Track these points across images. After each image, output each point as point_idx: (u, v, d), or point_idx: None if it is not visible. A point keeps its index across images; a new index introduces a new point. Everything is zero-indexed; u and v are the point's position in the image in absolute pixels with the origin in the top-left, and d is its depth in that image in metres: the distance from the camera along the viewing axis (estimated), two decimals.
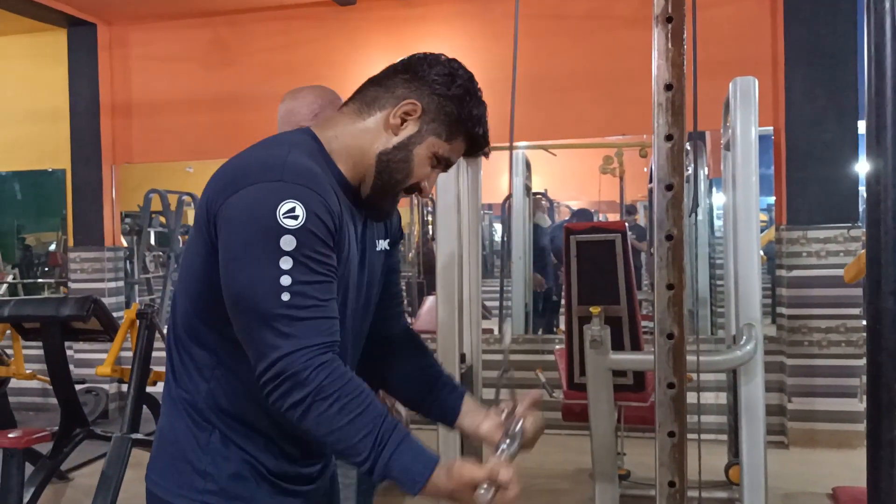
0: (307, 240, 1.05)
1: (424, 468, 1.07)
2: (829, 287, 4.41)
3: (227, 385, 1.18)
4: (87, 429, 3.69)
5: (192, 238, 1.17)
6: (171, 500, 1.19)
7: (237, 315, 1.08)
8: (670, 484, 0.97)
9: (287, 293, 1.03)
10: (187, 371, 1.20)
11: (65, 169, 5.81)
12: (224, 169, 1.15)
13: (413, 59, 1.24)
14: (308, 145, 1.18)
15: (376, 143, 1.19)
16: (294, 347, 1.04)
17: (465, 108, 1.20)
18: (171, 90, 5.63)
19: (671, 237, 0.96)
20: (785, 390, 4.55)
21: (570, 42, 4.85)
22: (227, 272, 1.08)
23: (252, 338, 1.06)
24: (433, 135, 1.20)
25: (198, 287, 1.16)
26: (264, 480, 1.20)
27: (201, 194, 1.15)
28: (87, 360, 5.49)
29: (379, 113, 1.20)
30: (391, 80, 1.22)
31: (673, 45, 0.94)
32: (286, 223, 1.03)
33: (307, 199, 1.06)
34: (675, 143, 0.95)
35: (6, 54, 5.92)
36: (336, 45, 5.31)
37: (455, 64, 1.23)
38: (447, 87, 1.20)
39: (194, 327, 1.18)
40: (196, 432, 1.19)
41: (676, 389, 0.96)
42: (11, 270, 8.77)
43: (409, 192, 1.24)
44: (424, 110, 1.19)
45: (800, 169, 4.52)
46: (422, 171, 1.22)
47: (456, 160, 1.26)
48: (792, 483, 3.80)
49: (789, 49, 4.53)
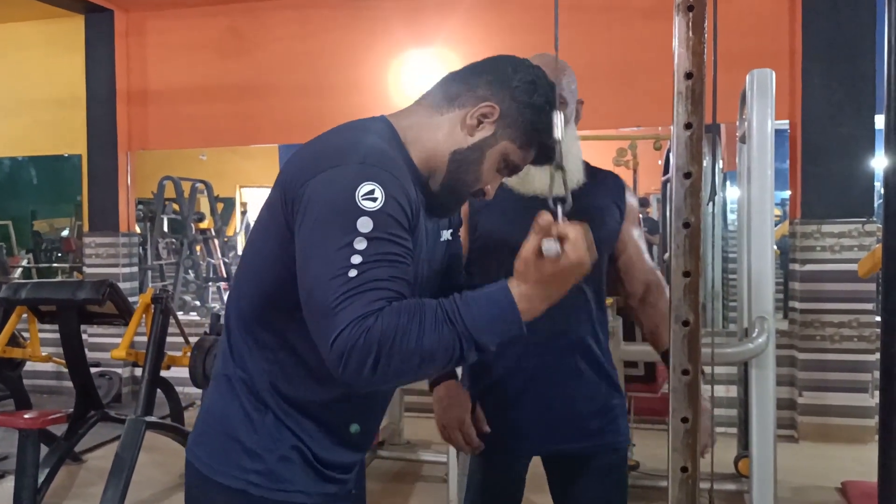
0: (385, 222, 1.02)
1: (503, 300, 1.03)
2: (843, 282, 4.39)
3: (290, 368, 1.17)
4: (102, 411, 3.74)
5: (264, 221, 1.15)
6: (215, 476, 1.19)
7: (307, 297, 1.05)
8: (683, 469, 0.98)
9: (354, 270, 0.99)
10: (249, 351, 1.19)
11: (81, 155, 5.86)
12: (302, 152, 1.13)
13: (499, 60, 1.22)
14: (385, 132, 1.16)
15: (451, 141, 1.18)
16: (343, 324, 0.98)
17: (542, 118, 1.19)
18: (187, 78, 5.65)
19: (688, 225, 0.96)
20: (796, 384, 4.54)
21: (585, 34, 4.84)
22: (302, 258, 1.06)
23: (317, 322, 1.02)
24: (507, 140, 1.19)
25: (271, 269, 1.14)
26: (309, 466, 1.20)
27: (277, 177, 1.13)
28: (100, 344, 5.54)
29: (458, 110, 1.19)
30: (474, 78, 1.20)
31: (694, 33, 0.95)
32: (365, 205, 1.01)
33: (387, 182, 1.04)
34: (694, 131, 0.96)
35: (24, 41, 5.96)
36: (353, 34, 5.32)
37: (539, 72, 1.22)
38: (529, 95, 1.19)
39: (263, 309, 1.17)
40: (250, 412, 1.18)
41: (691, 376, 0.97)
42: (26, 255, 8.85)
43: (474, 194, 1.24)
44: (502, 114, 1.18)
45: (815, 163, 4.50)
46: (491, 175, 1.21)
47: (523, 167, 1.25)
48: (801, 477, 3.80)
49: (807, 42, 4.50)
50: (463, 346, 1.01)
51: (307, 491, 1.20)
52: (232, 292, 1.24)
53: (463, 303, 1.02)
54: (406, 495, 3.60)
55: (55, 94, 5.87)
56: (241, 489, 1.17)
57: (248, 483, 1.17)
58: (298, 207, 1.06)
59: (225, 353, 1.23)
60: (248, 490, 1.17)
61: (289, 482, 1.18)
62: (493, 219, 1.76)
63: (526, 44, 1.32)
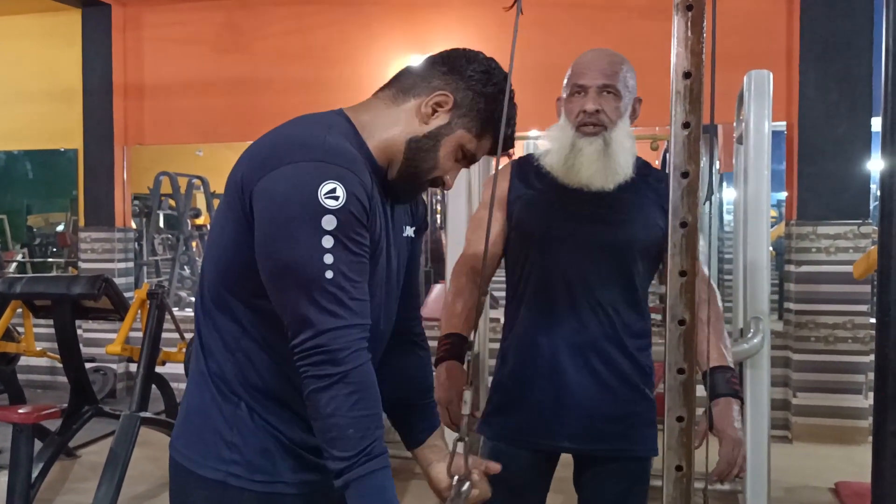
0: (347, 220, 1.07)
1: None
2: (838, 283, 4.41)
3: (254, 357, 1.19)
4: (96, 406, 3.73)
5: (222, 211, 1.18)
6: (196, 469, 1.20)
7: (278, 288, 1.10)
8: (677, 468, 0.98)
9: (330, 271, 1.06)
10: (215, 343, 1.21)
11: (77, 149, 5.85)
12: (261, 144, 1.15)
13: (453, 52, 1.25)
14: (343, 127, 1.19)
15: (407, 130, 1.21)
16: (338, 325, 1.07)
17: (497, 107, 1.21)
18: (184, 73, 5.64)
19: (685, 224, 0.96)
20: (790, 385, 4.55)
21: (583, 32, 4.84)
22: (267, 247, 1.09)
23: (293, 307, 1.08)
24: (463, 128, 1.22)
25: (227, 259, 1.17)
26: (289, 454, 1.21)
27: (233, 168, 1.15)
28: (95, 340, 5.53)
29: (413, 100, 1.22)
30: (429, 70, 1.24)
31: (692, 32, 0.95)
32: (328, 203, 1.05)
33: (347, 180, 1.07)
34: (692, 130, 0.96)
35: (21, 34, 5.94)
36: (350, 30, 5.31)
37: (493, 63, 1.25)
38: (482, 85, 1.22)
39: (222, 299, 1.19)
40: (223, 405, 1.20)
41: (686, 375, 0.97)
42: (20, 250, 8.83)
43: (433, 184, 1.26)
44: (457, 103, 1.21)
45: (811, 164, 4.51)
46: (448, 164, 1.24)
47: (480, 157, 1.28)
48: (794, 477, 3.81)
49: (804, 43, 4.51)
50: (347, 462, 1.08)
51: (288, 480, 1.22)
52: (199, 285, 1.26)
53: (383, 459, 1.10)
54: (401, 492, 3.59)
55: (52, 88, 5.86)
56: (220, 480, 1.19)
57: (228, 474, 1.19)
58: (259, 198, 1.09)
59: (197, 349, 1.25)
60: (227, 481, 1.19)
61: (268, 472, 1.20)
62: (528, 208, 1.76)
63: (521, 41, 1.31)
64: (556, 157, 1.69)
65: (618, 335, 1.72)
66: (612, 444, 1.73)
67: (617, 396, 1.72)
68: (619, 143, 1.67)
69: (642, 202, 1.72)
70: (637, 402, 1.74)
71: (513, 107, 1.25)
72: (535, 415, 1.74)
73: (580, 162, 1.66)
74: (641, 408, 1.74)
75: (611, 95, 1.67)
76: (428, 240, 7.45)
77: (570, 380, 1.71)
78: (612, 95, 1.67)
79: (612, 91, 1.67)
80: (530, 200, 1.76)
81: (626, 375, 1.73)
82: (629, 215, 1.71)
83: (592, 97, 1.66)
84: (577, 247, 1.68)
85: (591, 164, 1.65)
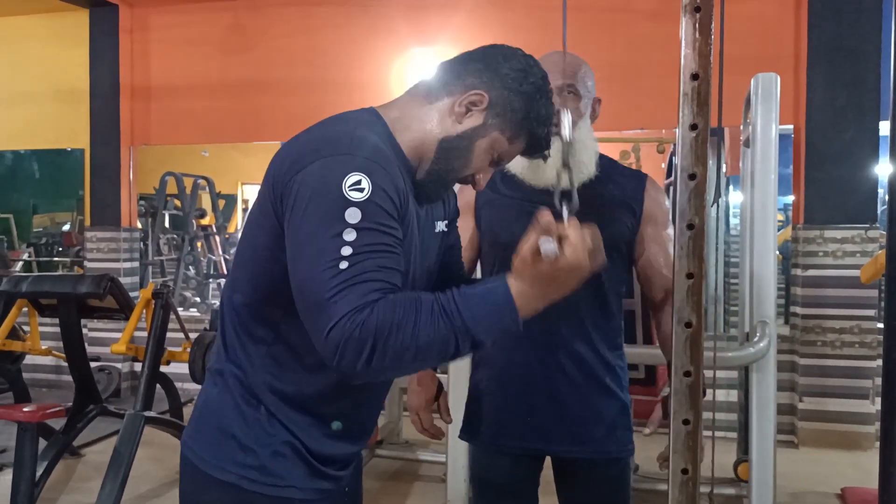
0: (373, 212, 1.02)
1: (502, 300, 1.02)
2: (845, 287, 4.39)
3: (283, 362, 1.17)
4: (101, 406, 3.73)
5: (255, 214, 1.15)
6: (209, 471, 1.19)
7: (299, 290, 1.05)
8: (683, 471, 0.97)
9: (345, 262, 0.99)
10: (242, 345, 1.19)
11: (83, 149, 5.86)
12: (289, 145, 1.13)
13: (489, 49, 1.21)
14: (374, 124, 1.16)
15: (439, 129, 1.17)
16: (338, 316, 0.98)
17: (533, 107, 1.17)
18: (190, 73, 5.65)
19: (692, 226, 0.96)
20: (796, 390, 4.53)
21: (589, 35, 4.83)
22: (292, 251, 1.06)
23: (311, 313, 1.03)
24: (497, 129, 1.18)
25: (263, 263, 1.14)
26: (302, 461, 1.20)
27: (266, 171, 1.13)
28: (100, 339, 5.55)
29: (447, 98, 1.18)
30: (464, 67, 1.19)
31: (700, 34, 0.94)
32: (352, 196, 1.01)
33: (373, 171, 1.04)
34: (700, 132, 0.95)
35: (28, 34, 5.96)
36: (356, 32, 5.31)
37: (531, 61, 1.20)
38: (519, 84, 1.17)
39: (256, 303, 1.17)
40: (243, 407, 1.19)
41: (693, 378, 0.97)
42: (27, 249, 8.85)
43: (463, 182, 1.23)
44: (492, 103, 1.16)
45: (818, 168, 4.49)
46: (479, 164, 1.20)
47: (512, 158, 1.24)
48: (800, 482, 3.79)
49: (812, 47, 4.50)
50: (459, 342, 1.01)
51: (300, 486, 1.20)
52: (226, 287, 1.24)
53: (460, 297, 1.02)
54: (404, 495, 3.59)
55: (58, 88, 5.87)
56: (234, 483, 1.18)
57: (241, 477, 1.17)
58: (287, 201, 1.06)
59: (219, 348, 1.23)
60: (240, 484, 1.17)
61: (281, 477, 1.19)
62: (496, 213, 1.76)
63: (530, 42, 1.31)
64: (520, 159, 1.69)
65: (588, 334, 1.72)
66: (586, 447, 1.73)
67: (588, 398, 1.72)
68: (581, 143, 1.68)
69: (606, 199, 1.71)
70: (609, 403, 1.74)
71: (551, 107, 1.21)
72: (509, 419, 1.74)
73: (543, 165, 1.65)
74: (613, 408, 1.74)
75: (571, 95, 1.68)
76: None
77: (539, 382, 1.71)
78: (573, 95, 1.68)
79: (573, 91, 1.68)
80: (496, 205, 1.76)
81: (597, 376, 1.73)
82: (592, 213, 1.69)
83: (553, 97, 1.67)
84: None
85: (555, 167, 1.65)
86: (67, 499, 3.57)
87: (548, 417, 1.72)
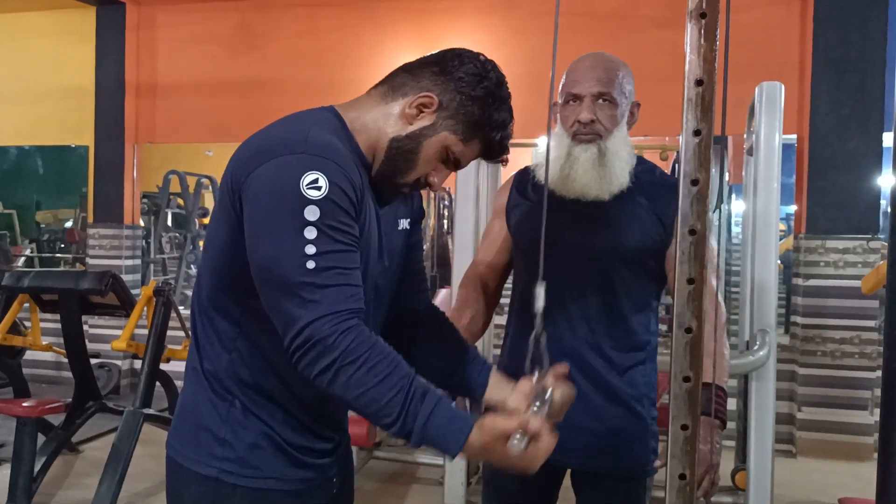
0: (330, 210, 1.06)
1: (461, 430, 1.07)
2: (845, 298, 4.39)
3: (249, 356, 1.20)
4: (100, 402, 3.74)
5: (216, 212, 1.19)
6: (190, 466, 1.22)
7: (264, 286, 1.09)
8: (681, 476, 0.97)
9: (311, 261, 1.04)
10: (210, 342, 1.22)
11: (88, 146, 5.87)
12: (247, 144, 1.17)
13: (446, 53, 1.23)
14: (331, 123, 1.19)
15: (392, 129, 1.20)
16: (320, 314, 1.04)
17: (486, 111, 1.19)
18: (196, 72, 5.67)
19: (694, 232, 0.96)
20: (795, 399, 4.53)
21: (594, 41, 4.82)
22: (252, 244, 1.09)
23: (279, 308, 1.07)
24: (448, 131, 1.19)
25: (222, 259, 1.18)
26: (281, 451, 1.22)
27: (224, 170, 1.17)
28: (101, 336, 5.55)
29: (402, 100, 1.21)
30: (421, 70, 1.22)
31: (705, 40, 0.95)
32: (309, 194, 1.05)
33: (329, 170, 1.07)
34: (703, 138, 0.95)
35: (35, 31, 5.98)
36: (362, 33, 5.33)
37: (488, 66, 1.21)
38: (472, 87, 1.18)
39: (218, 298, 1.21)
40: (217, 402, 1.21)
41: (692, 383, 0.97)
42: (29, 245, 8.86)
43: (417, 186, 1.24)
44: (442, 105, 1.19)
45: (821, 178, 4.50)
46: (428, 166, 1.22)
47: (468, 161, 1.25)
48: (798, 492, 3.79)
49: (817, 56, 4.50)
50: (399, 421, 1.06)
51: (280, 477, 1.22)
52: (195, 284, 1.27)
53: (432, 397, 1.07)
54: (401, 497, 3.59)
55: (64, 85, 5.89)
56: (213, 476, 1.20)
57: (221, 471, 1.20)
58: (245, 197, 1.10)
59: (192, 346, 1.26)
60: (220, 477, 1.20)
61: (260, 468, 1.21)
62: (520, 219, 1.76)
63: (534, 46, 1.31)
64: (552, 166, 1.64)
65: (599, 345, 1.66)
66: (596, 461, 1.67)
67: (597, 408, 1.65)
68: (614, 153, 1.63)
69: (633, 211, 1.66)
70: (624, 417, 1.66)
71: (506, 112, 1.21)
72: None
73: (575, 171, 1.62)
74: (629, 423, 1.67)
75: (606, 104, 1.62)
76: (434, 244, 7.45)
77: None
78: (608, 104, 1.62)
79: (608, 99, 1.62)
80: (524, 211, 1.75)
81: (611, 388, 1.66)
82: (614, 223, 1.66)
83: (587, 106, 1.62)
84: (555, 256, 1.64)
85: (586, 172, 1.62)
86: (65, 494, 3.58)
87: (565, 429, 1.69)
